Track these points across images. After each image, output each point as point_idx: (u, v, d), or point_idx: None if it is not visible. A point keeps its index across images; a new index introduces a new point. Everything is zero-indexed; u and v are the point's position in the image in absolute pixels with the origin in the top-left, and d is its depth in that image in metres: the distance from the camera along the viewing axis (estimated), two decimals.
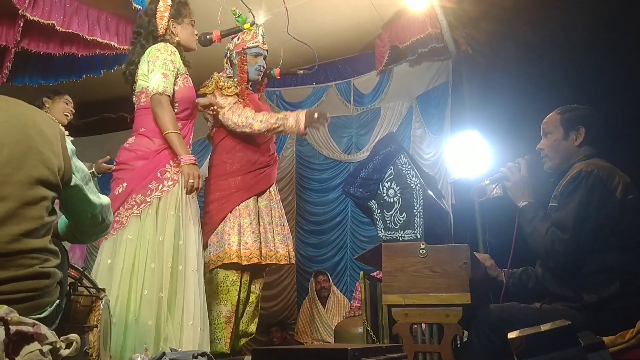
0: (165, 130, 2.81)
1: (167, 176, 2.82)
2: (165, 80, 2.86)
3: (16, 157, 1.50)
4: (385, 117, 6.32)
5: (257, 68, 3.59)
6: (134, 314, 2.56)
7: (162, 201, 2.78)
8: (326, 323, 5.72)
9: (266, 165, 3.55)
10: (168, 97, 2.86)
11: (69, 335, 1.38)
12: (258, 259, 3.30)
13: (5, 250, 1.43)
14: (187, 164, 2.79)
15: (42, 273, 1.51)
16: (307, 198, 6.70)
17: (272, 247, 3.41)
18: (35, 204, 1.51)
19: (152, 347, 2.53)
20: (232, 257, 3.25)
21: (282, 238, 3.49)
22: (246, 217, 3.35)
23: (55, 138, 1.64)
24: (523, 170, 2.49)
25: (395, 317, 2.36)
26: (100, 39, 4.44)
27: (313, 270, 6.28)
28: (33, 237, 1.50)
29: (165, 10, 3.04)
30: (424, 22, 5.35)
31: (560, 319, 1.96)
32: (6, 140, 1.51)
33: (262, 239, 3.37)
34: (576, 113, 2.48)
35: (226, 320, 3.27)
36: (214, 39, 3.39)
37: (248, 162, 3.47)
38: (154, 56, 2.91)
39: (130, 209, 2.74)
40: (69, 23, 4.27)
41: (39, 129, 1.59)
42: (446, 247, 2.38)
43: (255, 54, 3.58)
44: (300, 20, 5.20)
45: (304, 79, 6.66)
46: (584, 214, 2.21)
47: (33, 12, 4.02)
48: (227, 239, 3.29)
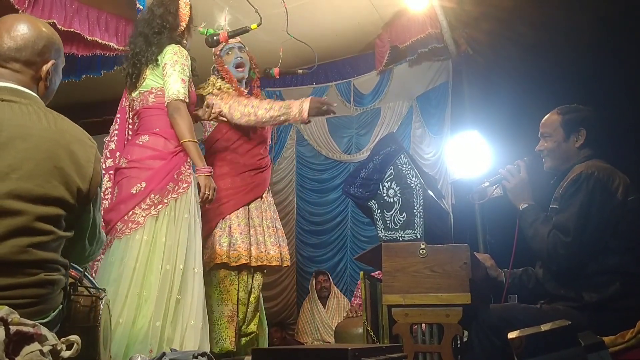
0: (183, 139, 2.85)
1: (182, 178, 2.85)
2: (184, 87, 2.90)
3: (40, 173, 1.51)
4: (385, 117, 6.32)
5: (235, 63, 3.53)
6: (145, 315, 2.57)
7: (177, 203, 2.81)
8: (326, 323, 5.72)
9: (259, 169, 3.55)
10: (186, 104, 2.89)
11: (70, 337, 1.38)
12: (246, 260, 3.33)
13: (13, 260, 1.43)
14: (204, 175, 2.87)
15: (48, 281, 1.51)
16: (307, 198, 6.70)
17: (263, 248, 3.42)
18: (49, 220, 1.52)
19: (157, 348, 2.53)
20: (222, 258, 3.28)
21: (275, 240, 3.50)
22: (234, 218, 3.38)
23: (88, 162, 1.64)
24: (522, 173, 2.49)
25: (395, 317, 2.36)
26: (100, 40, 4.44)
27: (313, 270, 6.28)
28: (43, 249, 1.50)
29: (186, 7, 3.08)
30: (424, 23, 5.35)
31: (561, 319, 1.97)
32: (34, 154, 1.52)
33: (252, 240, 3.39)
34: (577, 114, 2.47)
35: (229, 320, 3.30)
36: (222, 39, 3.38)
37: (243, 165, 3.48)
38: (173, 60, 2.91)
39: (148, 209, 2.75)
40: (70, 23, 4.26)
41: (70, 149, 1.60)
42: (446, 247, 2.38)
43: (227, 50, 3.56)
44: (301, 20, 5.20)
45: (304, 79, 6.65)
46: (585, 217, 2.21)
47: (33, 12, 4.02)
48: (218, 240, 3.31)
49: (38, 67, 1.69)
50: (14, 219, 1.45)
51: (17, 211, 1.46)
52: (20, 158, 1.50)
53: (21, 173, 1.49)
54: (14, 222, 1.45)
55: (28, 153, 1.51)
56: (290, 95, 6.83)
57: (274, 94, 6.84)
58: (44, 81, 1.71)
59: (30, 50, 1.67)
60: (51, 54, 1.72)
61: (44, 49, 1.70)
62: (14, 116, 1.55)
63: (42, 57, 1.70)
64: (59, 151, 1.57)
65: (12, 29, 1.67)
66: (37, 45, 1.68)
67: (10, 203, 1.45)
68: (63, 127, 1.63)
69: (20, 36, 1.66)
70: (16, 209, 1.46)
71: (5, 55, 1.65)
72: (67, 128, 1.64)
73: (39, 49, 1.68)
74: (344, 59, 6.62)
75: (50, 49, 1.72)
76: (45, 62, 1.71)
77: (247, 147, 3.54)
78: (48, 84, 1.73)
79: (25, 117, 1.57)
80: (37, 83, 1.70)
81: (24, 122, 1.55)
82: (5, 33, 1.66)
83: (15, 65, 1.65)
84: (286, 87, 6.83)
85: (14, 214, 1.45)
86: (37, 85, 1.70)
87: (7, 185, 1.46)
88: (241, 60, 3.57)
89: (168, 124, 2.89)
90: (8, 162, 1.48)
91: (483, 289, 2.64)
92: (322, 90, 6.69)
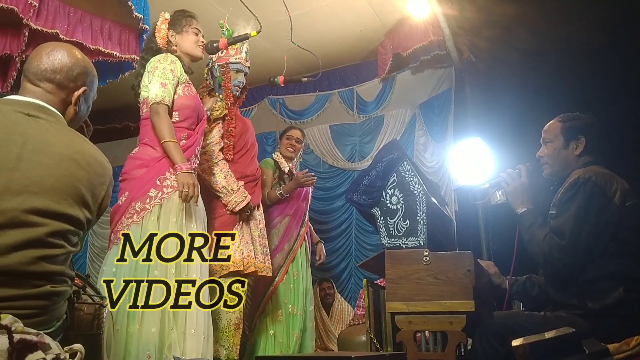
0: (162, 139, 2.82)
1: (166, 183, 2.82)
2: (164, 90, 2.88)
3: (58, 190, 1.55)
4: (388, 124, 6.32)
5: (237, 84, 3.61)
6: (137, 321, 2.56)
7: (162, 208, 2.78)
8: (330, 331, 5.70)
9: (254, 179, 3.61)
10: (166, 106, 2.88)
11: (73, 346, 1.38)
12: (255, 268, 3.37)
13: (22, 270, 1.45)
14: (182, 173, 2.78)
15: (54, 293, 1.53)
16: (312, 206, 6.64)
17: (262, 259, 3.47)
18: (61, 235, 1.55)
19: (155, 355, 2.53)
20: (237, 266, 3.29)
21: (265, 250, 3.54)
22: (239, 229, 3.43)
23: (102, 184, 1.69)
24: (523, 177, 2.49)
25: (399, 325, 2.35)
26: (103, 48, 4.46)
27: (317, 278, 6.27)
28: (52, 262, 1.52)
29: (163, 23, 3.12)
30: (426, 30, 5.37)
31: (565, 327, 1.96)
32: (55, 171, 1.56)
33: (254, 251, 3.43)
34: (577, 122, 2.48)
35: (235, 328, 3.32)
36: (221, 46, 3.41)
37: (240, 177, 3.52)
38: (154, 66, 2.96)
39: (131, 217, 2.75)
40: (73, 32, 4.29)
41: (88, 170, 1.64)
42: (450, 254, 2.37)
43: (237, 69, 3.60)
44: (304, 28, 5.22)
45: (307, 87, 6.67)
46: (581, 221, 2.21)
47: (37, 22, 4.04)
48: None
49: (70, 91, 1.75)
50: (28, 230, 1.47)
51: (33, 224, 1.48)
52: (41, 173, 1.53)
53: (40, 187, 1.52)
54: (28, 233, 1.47)
55: (49, 169, 1.55)
56: (293, 102, 6.86)
57: (277, 102, 6.87)
58: (74, 106, 1.76)
59: (64, 75, 1.73)
60: (85, 82, 1.78)
61: (78, 75, 1.76)
62: (40, 132, 1.59)
63: (75, 83, 1.76)
64: (78, 171, 1.61)
65: (51, 53, 1.74)
66: (72, 71, 1.75)
67: (26, 216, 1.48)
68: (84, 149, 1.67)
69: (57, 60, 1.73)
70: (32, 221, 1.48)
71: (40, 75, 1.71)
72: (88, 150, 1.69)
73: (73, 75, 1.75)
74: (346, 66, 6.64)
75: (85, 77, 1.78)
76: (77, 89, 1.76)
77: (246, 158, 3.63)
78: (77, 110, 1.78)
79: (49, 134, 1.61)
80: (66, 107, 1.75)
81: (48, 138, 1.59)
82: (45, 56, 1.73)
83: (48, 85, 1.71)
84: (289, 95, 6.86)
85: (29, 225, 1.48)
86: (66, 109, 1.75)
87: (25, 198, 1.49)
88: (243, 85, 3.67)
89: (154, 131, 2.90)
90: (29, 175, 1.51)
91: (487, 297, 2.63)
92: (325, 98, 6.71)
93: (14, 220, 1.46)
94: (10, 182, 1.48)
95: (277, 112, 6.79)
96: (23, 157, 1.52)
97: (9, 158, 1.51)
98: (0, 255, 1.42)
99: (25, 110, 1.61)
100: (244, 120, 3.75)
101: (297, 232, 4.14)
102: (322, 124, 6.73)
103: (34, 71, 1.71)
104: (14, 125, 1.57)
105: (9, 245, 1.43)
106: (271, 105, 6.85)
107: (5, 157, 1.50)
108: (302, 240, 4.20)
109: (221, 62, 3.59)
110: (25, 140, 1.55)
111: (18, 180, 1.49)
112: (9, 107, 1.61)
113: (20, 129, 1.56)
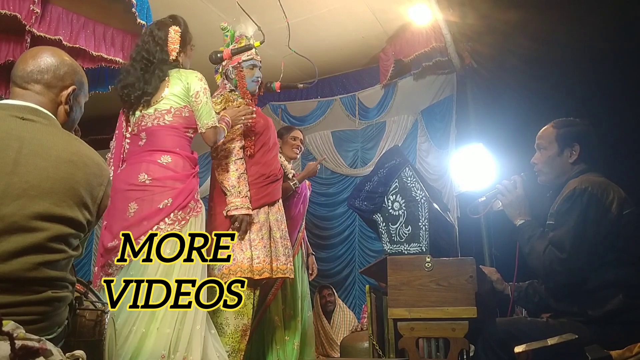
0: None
1: (198, 198, 2.95)
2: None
3: (57, 193, 1.54)
4: (390, 131, 6.33)
5: (254, 80, 3.58)
6: (158, 321, 2.61)
7: (195, 220, 2.88)
8: (331, 338, 5.67)
9: (276, 179, 3.57)
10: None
11: (75, 352, 1.38)
12: (269, 274, 3.31)
13: (23, 277, 1.44)
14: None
15: (55, 298, 1.52)
16: (315, 212, 6.69)
17: (284, 261, 3.41)
18: (62, 239, 1.54)
19: (169, 355, 2.57)
20: (245, 272, 3.25)
21: (288, 251, 3.49)
22: (257, 231, 3.35)
23: (100, 185, 1.68)
24: (519, 189, 2.46)
25: (401, 331, 2.35)
26: (106, 55, 4.48)
27: (318, 284, 6.26)
28: (53, 268, 1.51)
29: (176, 40, 3.10)
30: (428, 36, 5.38)
31: (567, 333, 1.95)
32: (53, 174, 1.55)
33: (273, 253, 3.38)
34: (572, 129, 2.45)
35: (243, 334, 3.28)
36: (225, 57, 3.42)
37: (261, 176, 3.48)
38: (202, 87, 2.98)
39: (172, 224, 2.80)
40: (76, 38, 4.30)
41: (86, 172, 1.63)
42: (452, 260, 2.37)
43: (251, 65, 3.59)
44: (306, 35, 5.24)
45: (308, 93, 6.69)
46: (581, 233, 2.19)
47: (40, 28, 4.06)
48: (240, 252, 3.28)
49: (59, 90, 1.74)
50: (29, 236, 1.46)
51: (33, 228, 1.47)
52: (39, 176, 1.52)
53: (39, 191, 1.51)
54: (28, 239, 1.46)
55: (47, 172, 1.54)
56: (295, 108, 6.87)
57: (278, 108, 6.88)
58: (64, 105, 1.75)
59: (52, 74, 1.73)
60: (73, 81, 1.77)
61: (66, 74, 1.76)
62: (35, 135, 1.58)
63: (63, 82, 1.75)
64: (75, 173, 1.60)
65: (37, 55, 1.74)
66: (59, 70, 1.74)
67: (26, 220, 1.47)
68: (80, 150, 1.66)
69: (43, 61, 1.73)
70: (32, 226, 1.47)
71: (28, 77, 1.71)
72: (84, 151, 1.68)
73: (60, 74, 1.74)
74: (348, 72, 6.66)
75: (72, 76, 1.78)
76: (66, 88, 1.75)
77: (268, 157, 3.58)
78: (69, 110, 1.77)
79: (45, 137, 1.60)
80: (56, 107, 1.74)
81: (44, 141, 1.59)
82: (31, 59, 1.73)
83: (36, 87, 1.71)
84: (290, 101, 6.87)
85: (29, 230, 1.47)
86: (57, 109, 1.74)
87: (24, 202, 1.48)
88: (260, 79, 3.64)
89: (186, 145, 2.98)
90: (27, 179, 1.50)
91: (489, 303, 2.63)
92: (327, 104, 6.72)
93: (14, 226, 1.45)
94: (8, 186, 1.47)
95: (279, 118, 6.79)
96: (20, 161, 1.51)
97: (6, 162, 1.50)
98: (1, 262, 1.41)
99: (20, 114, 1.60)
100: (265, 117, 3.70)
101: (294, 236, 4.12)
102: (324, 130, 6.74)
103: (21, 75, 1.71)
104: (10, 130, 1.56)
105: (10, 251, 1.42)
106: (273, 112, 6.86)
107: (2, 162, 1.50)
108: (300, 245, 4.19)
109: (234, 64, 3.59)
110: (22, 144, 1.54)
111: (16, 184, 1.48)
112: (3, 112, 1.60)
113: (16, 133, 1.56)
